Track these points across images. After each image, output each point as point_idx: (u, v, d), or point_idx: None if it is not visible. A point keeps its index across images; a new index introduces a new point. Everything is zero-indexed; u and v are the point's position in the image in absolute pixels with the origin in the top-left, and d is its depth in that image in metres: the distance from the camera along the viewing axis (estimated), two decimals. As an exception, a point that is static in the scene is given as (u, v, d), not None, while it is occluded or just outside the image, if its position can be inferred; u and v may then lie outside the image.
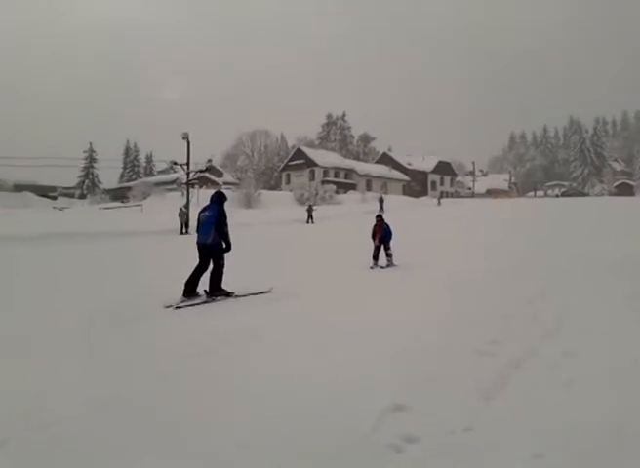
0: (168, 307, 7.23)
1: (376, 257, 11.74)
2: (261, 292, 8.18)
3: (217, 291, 7.75)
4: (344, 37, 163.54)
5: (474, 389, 3.97)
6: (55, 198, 65.39)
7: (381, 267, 11.53)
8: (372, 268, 11.46)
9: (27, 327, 6.19)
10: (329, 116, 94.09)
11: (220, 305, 7.51)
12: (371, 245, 12.07)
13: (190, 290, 7.70)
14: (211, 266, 7.84)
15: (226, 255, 7.95)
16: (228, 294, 7.83)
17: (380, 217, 12.37)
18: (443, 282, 9.11)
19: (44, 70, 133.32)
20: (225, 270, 7.97)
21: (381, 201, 40.93)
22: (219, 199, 8.10)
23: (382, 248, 11.85)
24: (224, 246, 7.84)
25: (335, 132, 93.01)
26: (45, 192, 65.79)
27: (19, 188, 67.31)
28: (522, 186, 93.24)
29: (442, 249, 14.69)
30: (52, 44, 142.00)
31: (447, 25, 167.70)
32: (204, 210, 8.06)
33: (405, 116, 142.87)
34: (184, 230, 25.62)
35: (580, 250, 13.32)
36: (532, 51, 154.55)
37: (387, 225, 12.08)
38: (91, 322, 6.42)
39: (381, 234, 11.83)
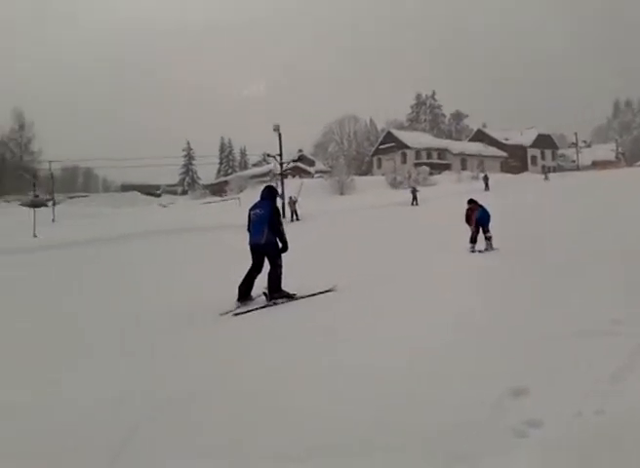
0: (225, 314, 6.74)
1: (474, 240, 11.29)
2: (325, 291, 7.51)
3: (277, 293, 7.18)
4: (424, 16, 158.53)
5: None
6: (159, 195, 69.21)
7: (479, 251, 11.07)
8: (472, 252, 11.07)
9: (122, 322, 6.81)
10: (418, 96, 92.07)
11: (285, 308, 6.94)
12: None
13: (245, 293, 7.23)
14: (266, 268, 7.31)
15: (314, 250, 7.60)
16: (290, 296, 7.23)
17: (472, 202, 11.74)
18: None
19: (143, 71, 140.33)
20: (302, 266, 7.78)
21: (486, 179, 39.59)
22: (270, 194, 7.60)
23: (481, 231, 11.32)
24: (280, 245, 7.25)
25: (425, 112, 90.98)
26: (150, 190, 69.81)
27: (125, 188, 71.97)
28: (630, 156, 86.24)
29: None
30: (143, 44, 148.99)
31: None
32: (255, 207, 7.45)
33: (498, 90, 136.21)
34: (295, 218, 26.80)
35: None
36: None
37: (483, 208, 11.54)
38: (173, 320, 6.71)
39: (477, 219, 11.32)
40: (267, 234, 7.11)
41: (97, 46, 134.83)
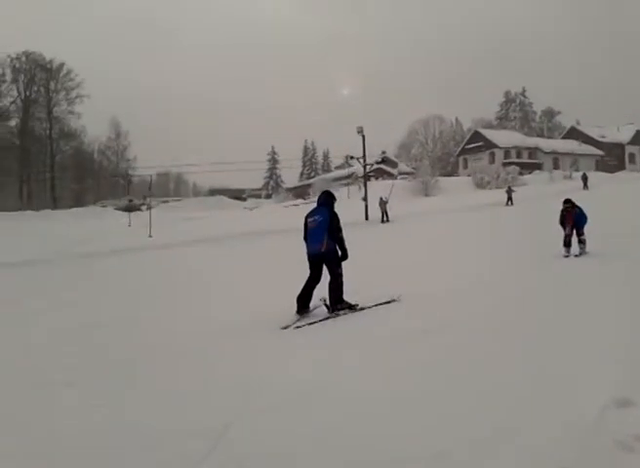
0: (285, 328, 6.34)
1: (568, 244, 10.62)
2: (388, 302, 7.12)
3: (339, 304, 6.80)
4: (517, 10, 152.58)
5: None
6: (244, 199, 71.03)
7: (575, 255, 10.44)
8: (566, 257, 10.43)
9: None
10: (507, 93, 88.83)
11: (349, 320, 6.55)
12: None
13: (303, 305, 6.87)
14: (326, 278, 6.91)
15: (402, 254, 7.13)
16: (352, 307, 6.88)
17: (569, 202, 11.00)
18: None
19: (223, 81, 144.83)
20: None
21: (585, 178, 38.07)
22: (327, 200, 7.20)
23: (575, 233, 10.66)
24: (340, 253, 6.88)
25: (514, 109, 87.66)
26: (236, 194, 71.88)
27: (213, 192, 74.47)
28: None
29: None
30: (232, 55, 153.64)
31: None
32: (312, 213, 7.08)
33: (593, 85, 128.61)
34: (385, 218, 26.78)
35: None
36: None
37: (580, 209, 10.86)
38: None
39: (573, 221, 10.66)
40: (327, 242, 6.75)
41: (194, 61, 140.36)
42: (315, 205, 7.32)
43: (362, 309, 6.91)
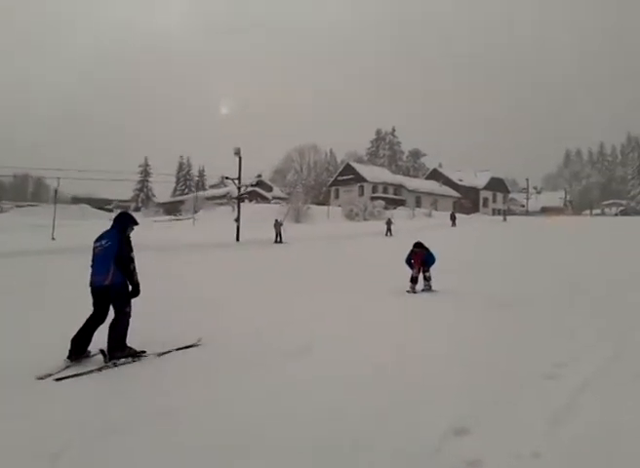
0: (43, 378, 4.89)
1: (414, 280, 10.69)
2: (187, 347, 6.04)
3: (119, 350, 5.52)
4: (391, 54, 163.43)
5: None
6: (111, 210, 67.57)
7: (421, 290, 10.57)
8: (412, 292, 10.50)
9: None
10: (378, 131, 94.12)
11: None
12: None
13: (79, 349, 5.49)
14: (110, 316, 5.68)
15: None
16: (137, 355, 5.64)
17: (420, 246, 11.08)
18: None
19: (111, 88, 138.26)
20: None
21: (453, 217, 42.02)
22: (120, 223, 5.94)
23: (422, 271, 10.80)
24: (130, 288, 5.69)
25: (384, 147, 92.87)
26: (101, 204, 68.17)
27: (76, 201, 70.05)
28: (578, 204, 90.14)
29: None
30: (102, 63, 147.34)
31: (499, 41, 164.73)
32: (100, 237, 5.83)
33: (456, 132, 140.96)
34: (278, 239, 27.35)
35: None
36: (585, 67, 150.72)
37: (429, 252, 11.00)
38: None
39: (421, 262, 10.81)
40: (114, 273, 5.53)
41: (68, 59, 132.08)
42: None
43: (148, 356, 5.70)
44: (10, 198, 60.70)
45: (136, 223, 6.08)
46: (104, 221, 36.29)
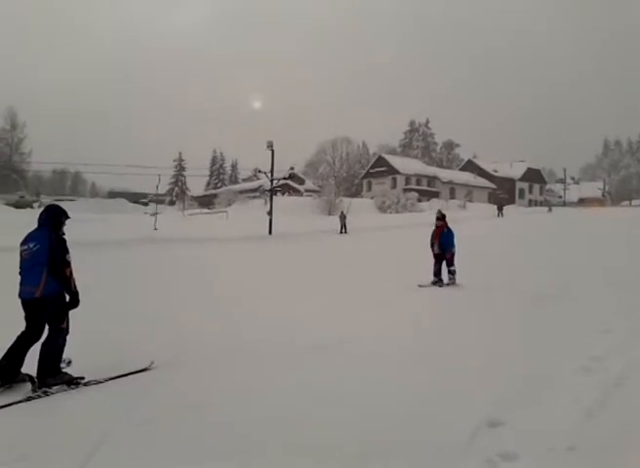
0: None
1: (437, 273, 10.26)
2: (138, 371, 5.00)
3: (50, 376, 4.57)
4: (422, 44, 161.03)
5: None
6: (146, 204, 68.63)
7: (440, 286, 10.08)
8: (420, 286, 10.01)
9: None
10: (412, 123, 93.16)
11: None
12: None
13: (7, 372, 4.56)
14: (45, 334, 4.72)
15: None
16: (74, 382, 4.66)
17: (441, 218, 10.62)
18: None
19: (140, 80, 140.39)
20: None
21: (501, 208, 42.39)
22: (50, 220, 4.86)
23: (445, 264, 10.23)
24: (67, 298, 4.74)
25: (417, 139, 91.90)
26: (137, 199, 69.31)
27: (113, 195, 71.51)
28: (616, 195, 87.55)
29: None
30: (146, 54, 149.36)
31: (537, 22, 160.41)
32: (26, 239, 4.79)
33: (492, 122, 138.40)
34: (343, 230, 28.78)
35: None
36: (630, 52, 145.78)
37: (449, 230, 10.44)
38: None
39: (439, 242, 10.28)
40: (46, 281, 4.58)
41: (101, 56, 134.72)
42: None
43: (87, 384, 4.71)
44: (49, 192, 62.27)
45: (67, 216, 4.99)
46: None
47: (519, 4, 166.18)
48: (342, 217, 29.50)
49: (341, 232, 28.53)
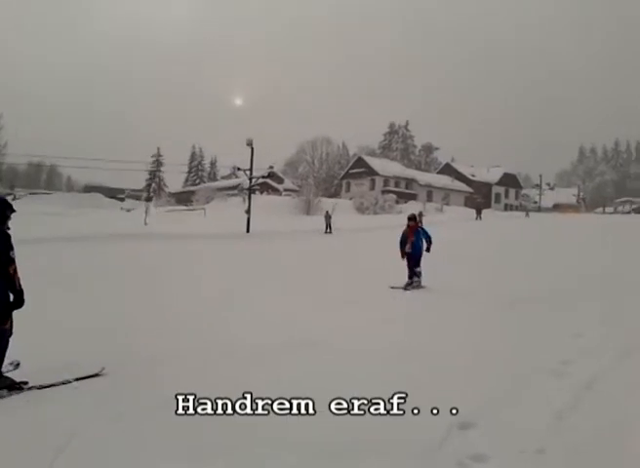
0: None
1: (410, 276, 10.05)
2: (88, 377, 4.69)
3: None
4: (403, 46, 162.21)
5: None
6: (122, 200, 67.90)
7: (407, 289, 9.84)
8: (393, 288, 9.89)
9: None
10: (391, 125, 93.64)
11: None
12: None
13: None
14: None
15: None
16: (15, 386, 4.39)
17: (413, 218, 10.33)
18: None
19: (116, 78, 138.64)
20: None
21: (479, 211, 42.66)
22: None
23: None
24: (11, 298, 4.40)
25: (397, 141, 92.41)
26: (114, 194, 68.54)
27: (88, 189, 70.51)
28: (591, 202, 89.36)
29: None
30: (117, 53, 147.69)
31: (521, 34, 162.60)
32: None
33: (470, 127, 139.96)
34: (328, 230, 28.99)
35: None
36: (607, 60, 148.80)
37: (424, 229, 10.23)
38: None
39: (414, 238, 9.96)
40: None
41: (86, 48, 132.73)
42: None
43: (31, 389, 4.43)
44: (23, 185, 61.18)
45: (13, 210, 4.55)
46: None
47: (496, 6, 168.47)
48: (327, 217, 29.81)
49: (326, 232, 28.77)
